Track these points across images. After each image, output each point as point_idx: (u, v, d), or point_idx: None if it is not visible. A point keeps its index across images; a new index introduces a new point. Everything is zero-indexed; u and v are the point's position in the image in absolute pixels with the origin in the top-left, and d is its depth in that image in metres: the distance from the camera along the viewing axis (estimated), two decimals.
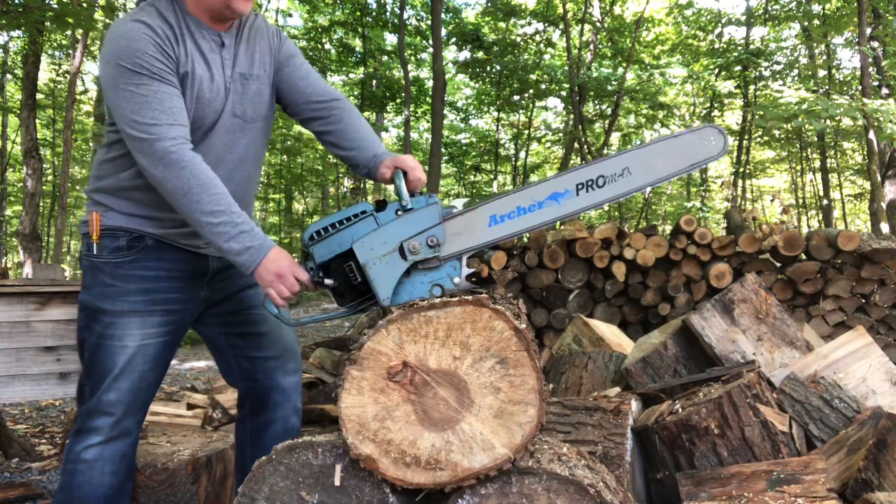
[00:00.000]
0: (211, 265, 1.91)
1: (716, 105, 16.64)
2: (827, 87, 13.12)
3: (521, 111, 17.45)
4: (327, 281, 1.67)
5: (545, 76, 14.34)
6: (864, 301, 4.47)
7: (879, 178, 10.17)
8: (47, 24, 4.90)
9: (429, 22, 14.33)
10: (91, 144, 14.76)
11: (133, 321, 1.78)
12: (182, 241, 1.84)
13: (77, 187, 15.13)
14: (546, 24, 15.09)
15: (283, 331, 2.02)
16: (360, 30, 16.09)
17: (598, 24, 14.62)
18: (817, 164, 18.02)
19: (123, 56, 1.62)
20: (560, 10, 13.80)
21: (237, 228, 1.63)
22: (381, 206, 1.65)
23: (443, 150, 14.13)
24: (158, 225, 1.81)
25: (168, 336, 1.84)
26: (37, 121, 10.93)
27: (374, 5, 15.64)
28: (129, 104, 1.62)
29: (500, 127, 18.43)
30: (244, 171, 1.89)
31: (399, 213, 1.62)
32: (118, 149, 1.77)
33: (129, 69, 1.61)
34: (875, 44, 10.76)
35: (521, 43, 15.30)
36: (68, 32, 9.57)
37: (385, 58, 17.59)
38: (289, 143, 18.61)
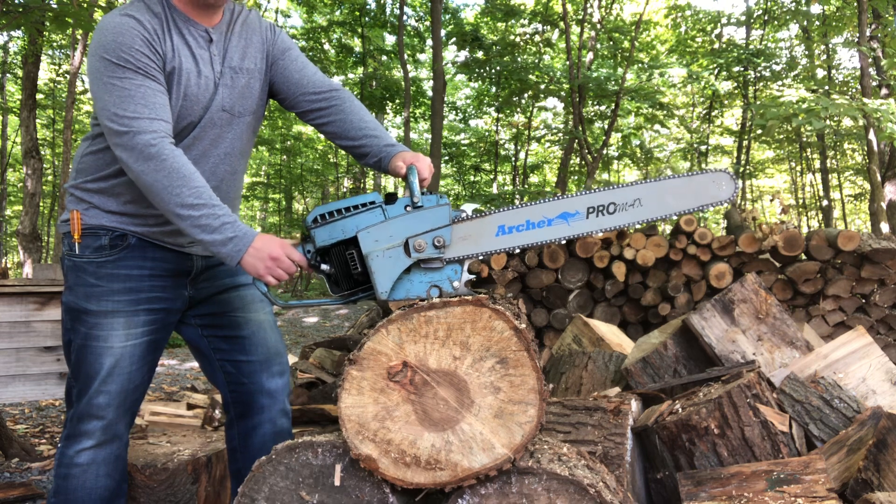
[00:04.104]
0: (195, 264, 1.89)
1: (716, 105, 16.65)
2: (827, 87, 13.12)
3: (520, 111, 17.45)
4: (324, 266, 1.65)
5: (545, 76, 14.33)
6: (864, 301, 4.46)
7: (879, 178, 10.18)
8: (47, 24, 4.89)
9: (428, 22, 14.34)
10: None
11: (118, 321, 1.76)
12: (166, 240, 1.83)
13: None
14: (545, 25, 15.09)
15: (266, 333, 1.98)
16: (359, 30, 16.09)
17: (597, 26, 14.62)
18: (817, 164, 18.04)
19: (109, 49, 1.60)
20: (559, 10, 13.80)
21: (219, 220, 1.60)
22: (390, 199, 1.63)
23: (443, 150, 14.13)
24: (142, 223, 1.79)
25: (153, 335, 1.83)
26: (37, 121, 10.95)
27: (373, 6, 15.65)
28: (111, 97, 1.60)
29: (499, 127, 18.43)
30: (228, 165, 1.86)
31: (408, 208, 1.61)
32: (102, 141, 1.75)
33: (114, 63, 1.60)
34: (875, 44, 10.76)
35: (521, 43, 15.30)
36: (68, 32, 9.56)
37: (384, 58, 17.59)
38: (289, 143, 18.61)
